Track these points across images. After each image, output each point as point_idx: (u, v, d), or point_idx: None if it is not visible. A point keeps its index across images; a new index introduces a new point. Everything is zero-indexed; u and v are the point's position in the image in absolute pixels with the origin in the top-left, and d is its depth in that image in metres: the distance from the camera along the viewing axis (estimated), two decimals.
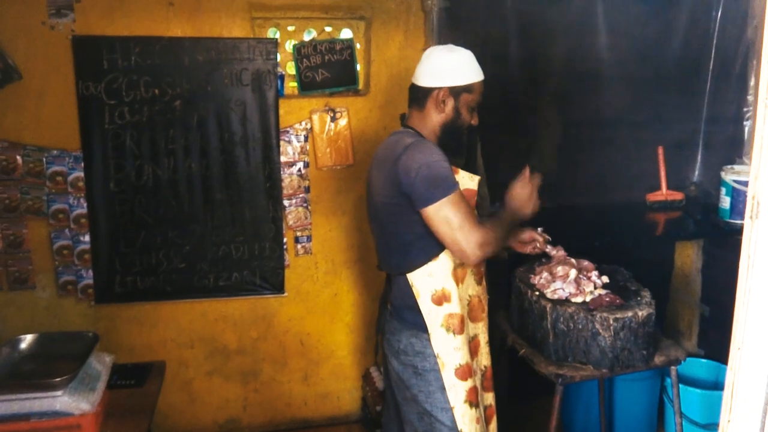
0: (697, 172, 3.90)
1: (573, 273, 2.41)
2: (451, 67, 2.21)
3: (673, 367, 2.45)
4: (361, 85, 3.38)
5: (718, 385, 3.35)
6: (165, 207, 3.20)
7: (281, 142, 3.28)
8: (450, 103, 2.23)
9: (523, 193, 2.28)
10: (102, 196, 3.14)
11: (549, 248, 2.52)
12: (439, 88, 2.21)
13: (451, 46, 2.29)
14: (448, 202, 2.04)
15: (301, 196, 3.38)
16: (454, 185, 2.07)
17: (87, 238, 3.18)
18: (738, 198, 3.30)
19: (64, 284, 3.22)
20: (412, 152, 2.10)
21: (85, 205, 3.15)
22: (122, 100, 3.07)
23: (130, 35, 3.04)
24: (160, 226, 3.22)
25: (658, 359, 2.38)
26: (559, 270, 2.44)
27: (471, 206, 2.14)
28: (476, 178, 2.28)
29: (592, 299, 2.33)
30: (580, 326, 2.26)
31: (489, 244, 2.06)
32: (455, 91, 2.22)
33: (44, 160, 3.08)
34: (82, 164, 3.11)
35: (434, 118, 2.25)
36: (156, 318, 3.37)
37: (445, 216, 2.04)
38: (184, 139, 3.16)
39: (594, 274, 2.47)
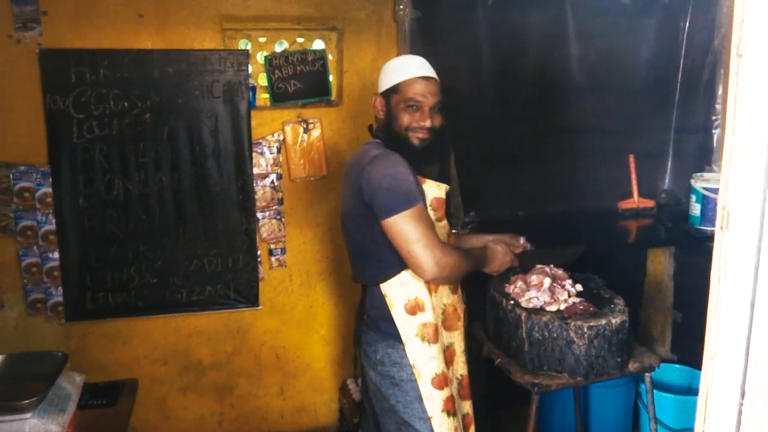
0: (667, 180, 3.95)
1: (547, 282, 2.42)
2: (382, 74, 2.30)
3: (647, 374, 2.46)
4: (333, 96, 3.37)
5: (691, 390, 3.38)
6: (136, 221, 3.16)
7: (254, 154, 3.26)
8: (383, 107, 2.27)
9: (502, 257, 2.41)
10: (71, 212, 3.09)
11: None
12: (375, 96, 2.29)
13: (397, 57, 2.40)
14: (409, 215, 2.05)
15: (274, 208, 3.36)
16: (416, 199, 2.08)
17: (56, 254, 3.12)
18: (708, 205, 3.34)
19: (33, 302, 3.16)
20: (376, 164, 2.11)
21: (53, 221, 3.09)
22: (91, 114, 3.03)
23: (99, 48, 3.01)
24: (131, 241, 3.18)
25: (633, 366, 2.39)
26: (534, 279, 2.44)
27: (432, 222, 2.15)
28: (443, 187, 2.28)
29: (567, 307, 2.34)
30: (555, 335, 2.27)
31: (448, 264, 2.08)
32: (385, 95, 2.26)
33: (11, 176, 3.03)
34: (51, 180, 3.05)
35: (380, 124, 2.32)
36: (128, 334, 3.32)
37: (403, 229, 2.05)
38: (154, 153, 3.12)
39: (568, 283, 2.48)
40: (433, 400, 2.23)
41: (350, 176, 2.23)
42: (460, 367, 2.43)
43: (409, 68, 2.25)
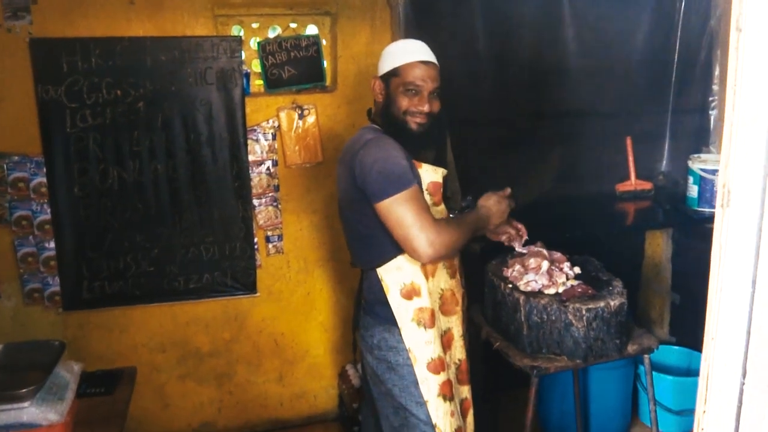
0: (665, 162, 3.94)
1: (545, 265, 2.41)
2: (382, 57, 2.29)
3: (646, 356, 2.46)
4: (328, 82, 3.35)
5: (690, 372, 3.40)
6: (131, 210, 3.15)
7: (249, 141, 3.24)
8: (383, 90, 2.26)
9: (497, 207, 2.34)
10: (66, 202, 3.07)
11: (518, 246, 2.52)
12: (375, 79, 2.29)
13: (398, 41, 2.37)
14: (402, 198, 2.03)
15: (270, 195, 3.35)
16: (410, 182, 2.06)
17: (52, 244, 3.11)
18: (705, 186, 3.33)
19: (30, 292, 3.15)
20: (370, 148, 2.11)
21: (48, 210, 3.07)
22: (84, 103, 3.00)
23: (90, 36, 2.98)
24: (127, 230, 3.16)
25: (631, 348, 2.39)
26: (532, 262, 2.44)
27: (427, 205, 2.12)
28: (440, 171, 2.27)
29: (565, 290, 2.34)
30: (554, 317, 2.26)
31: (443, 243, 2.04)
32: (385, 78, 2.25)
33: (5, 166, 3.01)
34: (45, 169, 3.03)
35: (378, 108, 2.31)
36: (126, 323, 3.32)
37: (396, 212, 2.04)
38: (148, 141, 3.10)
39: (566, 265, 2.47)
40: (429, 385, 2.23)
41: (345, 161, 2.22)
42: (458, 352, 2.42)
43: (409, 52, 2.24)
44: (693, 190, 3.41)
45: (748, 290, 0.78)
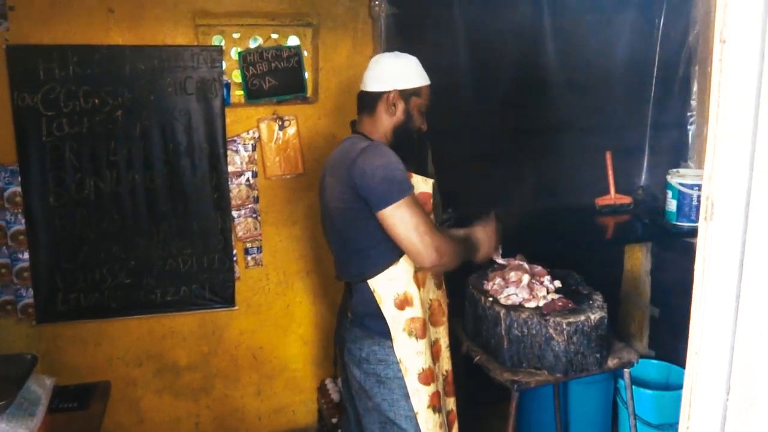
0: (644, 176, 3.96)
1: (526, 278, 2.41)
2: (399, 70, 2.24)
3: (626, 370, 2.46)
4: (309, 93, 3.33)
5: (669, 386, 3.40)
6: (108, 221, 3.10)
7: (228, 152, 3.21)
8: (401, 106, 2.23)
9: (491, 243, 2.35)
10: (41, 211, 3.02)
11: (497, 257, 2.52)
12: (390, 91, 2.22)
13: (397, 53, 2.31)
14: (404, 204, 2.03)
15: (250, 206, 3.32)
16: (411, 188, 2.08)
17: (26, 255, 3.05)
18: (684, 201, 3.35)
19: (2, 304, 3.08)
20: (368, 155, 2.09)
21: (23, 221, 3.02)
22: (60, 111, 2.96)
23: (68, 44, 2.94)
24: (103, 241, 3.11)
25: (612, 362, 2.39)
26: (512, 275, 2.43)
27: (425, 210, 2.14)
28: (430, 182, 2.28)
29: (545, 304, 2.33)
30: (534, 331, 2.26)
31: (447, 251, 2.07)
32: (405, 94, 2.23)
33: None
34: (20, 178, 2.98)
35: (385, 122, 2.25)
36: (101, 336, 3.26)
37: (401, 217, 2.03)
38: (126, 151, 3.06)
39: (546, 279, 2.47)
40: (420, 396, 2.21)
41: (336, 172, 2.18)
42: (446, 363, 2.42)
43: (425, 74, 2.29)
44: (672, 205, 3.43)
45: (732, 304, 0.77)
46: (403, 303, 2.19)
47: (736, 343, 0.78)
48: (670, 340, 3.57)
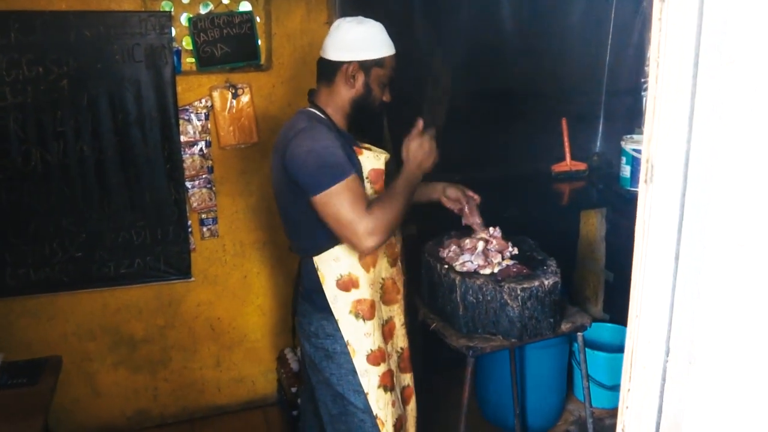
0: (599, 143, 4.00)
1: (481, 245, 2.41)
2: (361, 39, 2.12)
3: (579, 333, 2.50)
4: (263, 60, 3.27)
5: (623, 348, 3.47)
6: (56, 194, 3.01)
7: (180, 121, 3.14)
8: (360, 78, 2.14)
9: (420, 150, 2.15)
10: None
11: (479, 226, 2.50)
12: (349, 63, 2.12)
13: (360, 18, 2.18)
14: (336, 191, 1.96)
15: (204, 176, 3.26)
16: (344, 172, 1.99)
17: None
18: (637, 166, 3.39)
19: None
20: (301, 138, 2.02)
21: None
22: (3, 80, 2.84)
23: (8, 9, 2.82)
24: (53, 214, 3.03)
25: (565, 326, 2.43)
26: (467, 243, 2.44)
27: (364, 193, 2.05)
28: (382, 157, 2.20)
29: (500, 270, 2.35)
30: (489, 297, 2.27)
31: (381, 229, 1.97)
32: (366, 66, 2.13)
33: None
34: None
35: (344, 94, 2.16)
36: (53, 311, 3.19)
37: (332, 206, 1.97)
38: (73, 121, 2.97)
39: (508, 252, 2.47)
40: (370, 377, 2.20)
41: (278, 149, 2.12)
42: (401, 340, 2.40)
43: (388, 42, 2.17)
44: (626, 170, 3.47)
45: (671, 266, 0.78)
46: (347, 284, 2.15)
47: (675, 305, 0.79)
48: (624, 304, 3.61)
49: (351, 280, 2.15)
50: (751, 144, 0.69)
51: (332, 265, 2.14)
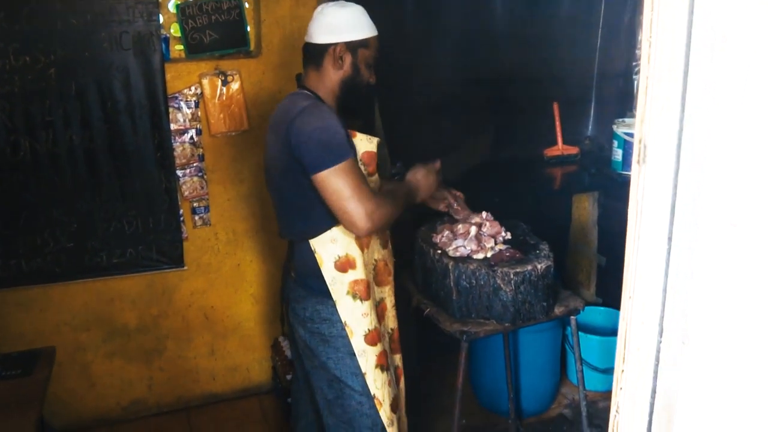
0: (590, 127, 4.00)
1: (473, 230, 2.41)
2: (345, 21, 2.15)
3: (572, 317, 2.51)
4: (252, 47, 3.24)
5: (616, 332, 3.50)
6: (46, 184, 2.99)
7: (170, 109, 3.11)
8: (348, 59, 2.16)
9: (425, 180, 2.33)
10: None
11: (463, 213, 2.51)
12: (336, 44, 2.14)
13: (342, 2, 2.21)
14: (340, 170, 1.99)
15: (195, 165, 3.24)
16: (347, 153, 2.02)
17: None
18: (629, 150, 3.40)
19: None
20: (306, 116, 2.03)
21: None
22: None
23: None
24: (43, 205, 3.00)
25: (558, 310, 2.43)
26: (460, 228, 2.44)
27: (364, 177, 2.09)
28: (374, 141, 2.22)
29: (493, 255, 2.35)
30: (482, 282, 2.27)
31: (380, 216, 2.03)
32: (352, 46, 2.16)
33: None
34: None
35: (332, 76, 2.18)
36: (46, 302, 3.18)
37: (335, 184, 1.99)
38: (62, 110, 2.94)
39: (495, 229, 2.48)
40: (367, 357, 2.21)
41: (277, 129, 2.13)
42: (391, 321, 2.42)
43: (372, 24, 2.21)
44: (617, 154, 3.47)
45: (664, 247, 0.77)
46: (345, 265, 2.17)
47: (668, 285, 0.79)
48: (617, 288, 3.63)
49: (348, 260, 2.17)
50: (744, 123, 0.69)
51: (329, 247, 2.16)
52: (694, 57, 0.70)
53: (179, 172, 3.21)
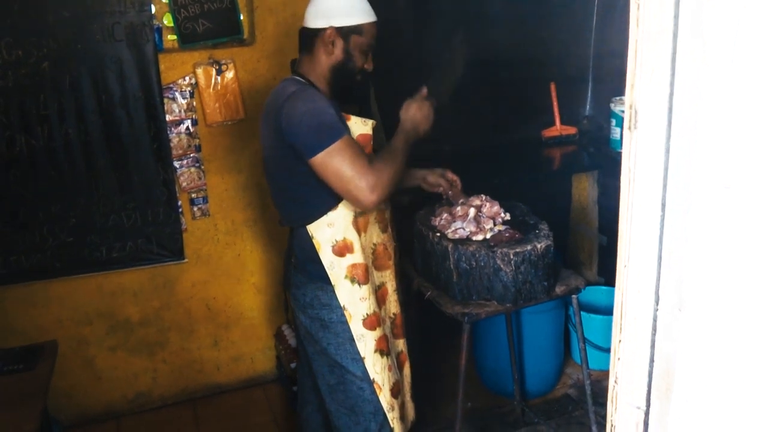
0: (588, 106, 3.98)
1: (472, 212, 2.40)
2: (338, 6, 2.12)
3: (574, 296, 2.50)
4: (246, 35, 3.22)
5: None
6: (44, 179, 2.98)
7: (165, 100, 3.10)
8: (339, 45, 2.14)
9: (419, 112, 2.23)
10: None
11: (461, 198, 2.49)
12: (327, 29, 2.12)
13: None
14: (336, 149, 1.98)
15: (192, 155, 3.23)
16: (340, 131, 2.00)
17: None
18: None
19: None
20: (294, 101, 2.02)
21: None
22: None
23: None
24: (41, 200, 3.00)
25: (559, 289, 2.43)
26: (459, 210, 2.43)
27: (361, 150, 2.07)
28: (369, 123, 2.20)
29: (493, 236, 2.34)
30: (482, 263, 2.27)
31: (384, 184, 2.00)
32: (344, 32, 2.13)
33: None
34: None
35: (323, 62, 2.16)
36: (47, 297, 3.18)
37: (333, 164, 1.98)
38: (57, 104, 2.92)
39: (494, 210, 2.47)
40: (366, 341, 2.22)
41: (269, 117, 2.13)
42: (393, 306, 2.42)
43: (369, 9, 2.16)
44: (616, 133, 3.46)
45: (658, 213, 0.76)
46: (342, 249, 2.16)
47: (663, 252, 0.78)
48: None
49: (346, 245, 2.16)
50: (735, 84, 0.68)
51: (327, 231, 2.15)
52: (683, 17, 0.69)
53: (176, 164, 3.20)
